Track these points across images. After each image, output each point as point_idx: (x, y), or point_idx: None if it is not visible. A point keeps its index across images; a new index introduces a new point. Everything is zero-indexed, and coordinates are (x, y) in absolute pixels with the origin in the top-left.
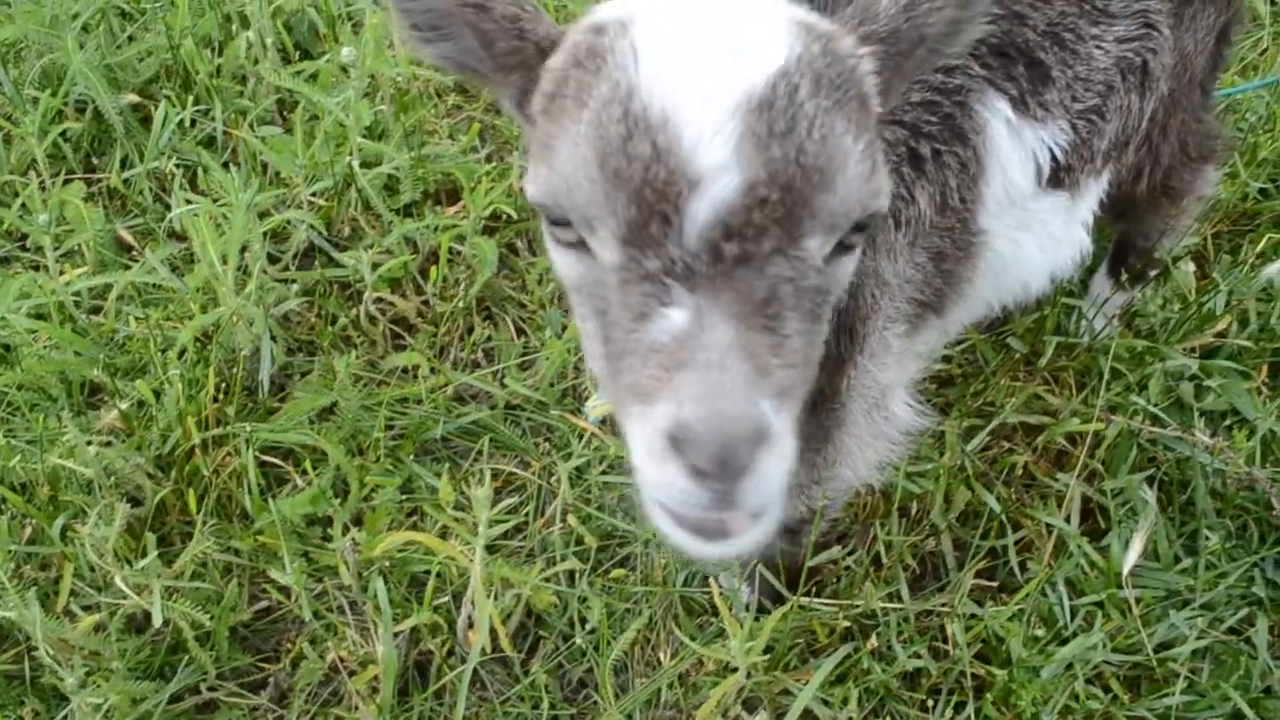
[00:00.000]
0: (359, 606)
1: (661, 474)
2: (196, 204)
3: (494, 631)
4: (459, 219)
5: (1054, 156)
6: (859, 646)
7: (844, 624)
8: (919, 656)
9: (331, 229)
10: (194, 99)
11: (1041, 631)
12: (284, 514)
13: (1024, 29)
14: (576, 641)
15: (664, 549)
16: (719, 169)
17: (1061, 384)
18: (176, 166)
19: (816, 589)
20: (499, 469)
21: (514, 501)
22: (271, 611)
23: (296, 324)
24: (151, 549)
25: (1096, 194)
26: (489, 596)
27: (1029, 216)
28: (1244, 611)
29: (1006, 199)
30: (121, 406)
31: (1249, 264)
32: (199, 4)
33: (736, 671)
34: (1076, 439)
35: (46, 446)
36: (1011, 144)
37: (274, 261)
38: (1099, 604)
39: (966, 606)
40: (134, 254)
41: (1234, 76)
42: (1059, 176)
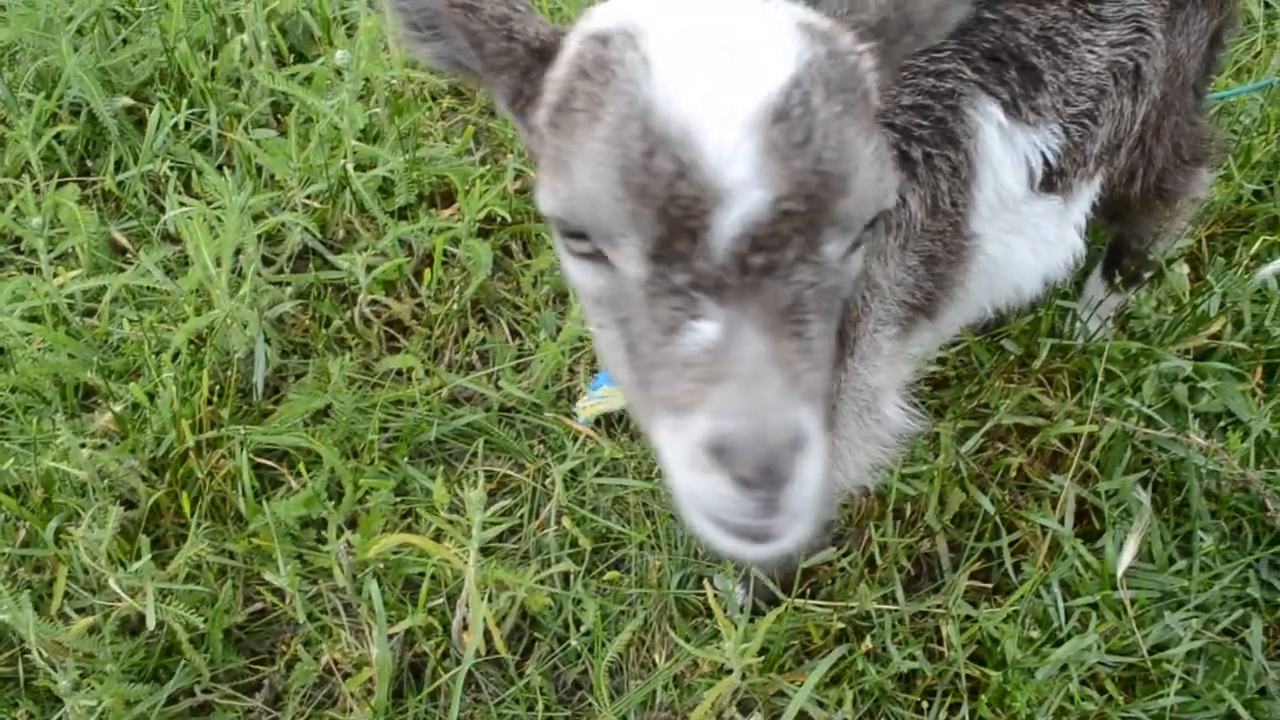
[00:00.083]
0: (353, 609)
1: (706, 485)
2: (190, 207)
3: (489, 633)
4: (454, 222)
5: (1046, 160)
6: (854, 648)
7: (839, 625)
8: (914, 658)
9: (326, 232)
10: (189, 102)
11: (1036, 633)
12: (278, 516)
13: (1016, 33)
14: (571, 643)
15: (659, 551)
16: (745, 185)
17: (1056, 386)
18: (171, 169)
19: (811, 590)
20: (493, 471)
21: (509, 504)
22: (266, 614)
23: (291, 326)
24: (145, 551)
25: (1089, 197)
26: (484, 598)
27: (1021, 220)
28: (1238, 613)
29: (998, 203)
30: (115, 409)
31: (1243, 266)
32: (194, 7)
33: (731, 673)
34: (1071, 440)
35: (40, 449)
36: (1003, 148)
37: (268, 264)
38: (1094, 605)
39: (961, 608)
40: (128, 256)
41: (1228, 79)
42: (1051, 180)
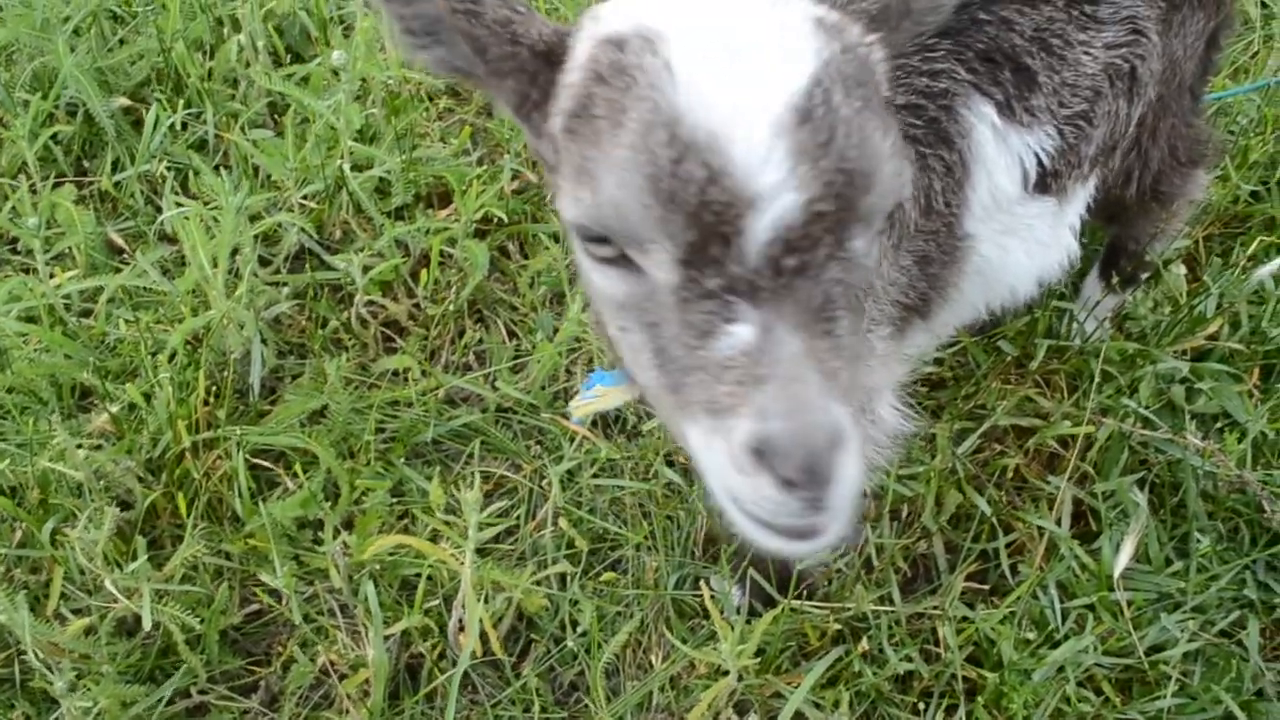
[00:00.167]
0: (350, 610)
1: (750, 487)
2: (187, 207)
3: (485, 634)
4: (450, 222)
5: (1040, 161)
6: (850, 649)
7: (835, 627)
8: (910, 659)
9: (323, 232)
10: (185, 102)
11: (1033, 634)
12: (274, 517)
13: (1011, 34)
14: (568, 644)
15: (656, 552)
16: (776, 188)
17: (1053, 387)
18: (168, 169)
19: (808, 592)
20: (490, 472)
21: (505, 504)
22: (262, 615)
23: (287, 327)
24: (142, 552)
25: (1084, 199)
26: (480, 600)
27: (1015, 221)
28: (1235, 614)
29: (992, 203)
30: (112, 410)
31: (1240, 267)
32: (190, 7)
33: (728, 674)
34: (1068, 441)
35: (36, 450)
36: (997, 148)
37: (265, 264)
38: (1090, 607)
39: (958, 609)
40: (125, 257)
41: (1225, 80)
42: (1046, 181)
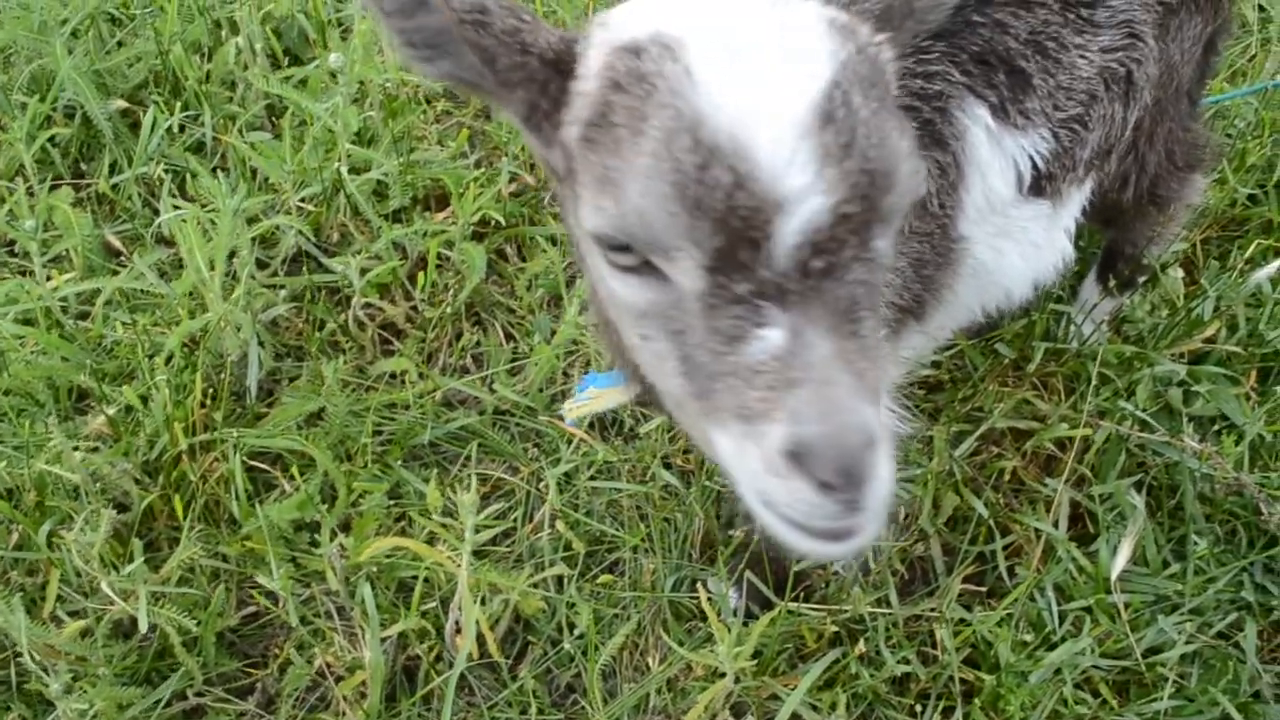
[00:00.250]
0: (346, 612)
1: (787, 491)
2: (185, 210)
3: (482, 637)
4: (448, 225)
5: (1035, 164)
6: (847, 651)
7: (832, 629)
8: (907, 661)
9: (320, 235)
10: (183, 105)
11: (1030, 636)
12: (271, 519)
13: (1005, 36)
14: (565, 647)
15: (653, 554)
16: (804, 192)
17: (1050, 389)
18: (165, 172)
19: (805, 594)
20: (487, 474)
21: (502, 506)
22: (259, 617)
23: (285, 329)
24: (138, 554)
25: (1079, 202)
26: (477, 602)
27: (1010, 224)
28: (1232, 616)
29: (987, 206)
30: (109, 412)
31: (1237, 270)
32: (188, 10)
33: (725, 677)
34: (1065, 444)
35: (33, 452)
36: (991, 151)
37: (262, 267)
38: (1087, 609)
39: (955, 611)
40: (122, 259)
41: (1222, 83)
42: (1040, 184)
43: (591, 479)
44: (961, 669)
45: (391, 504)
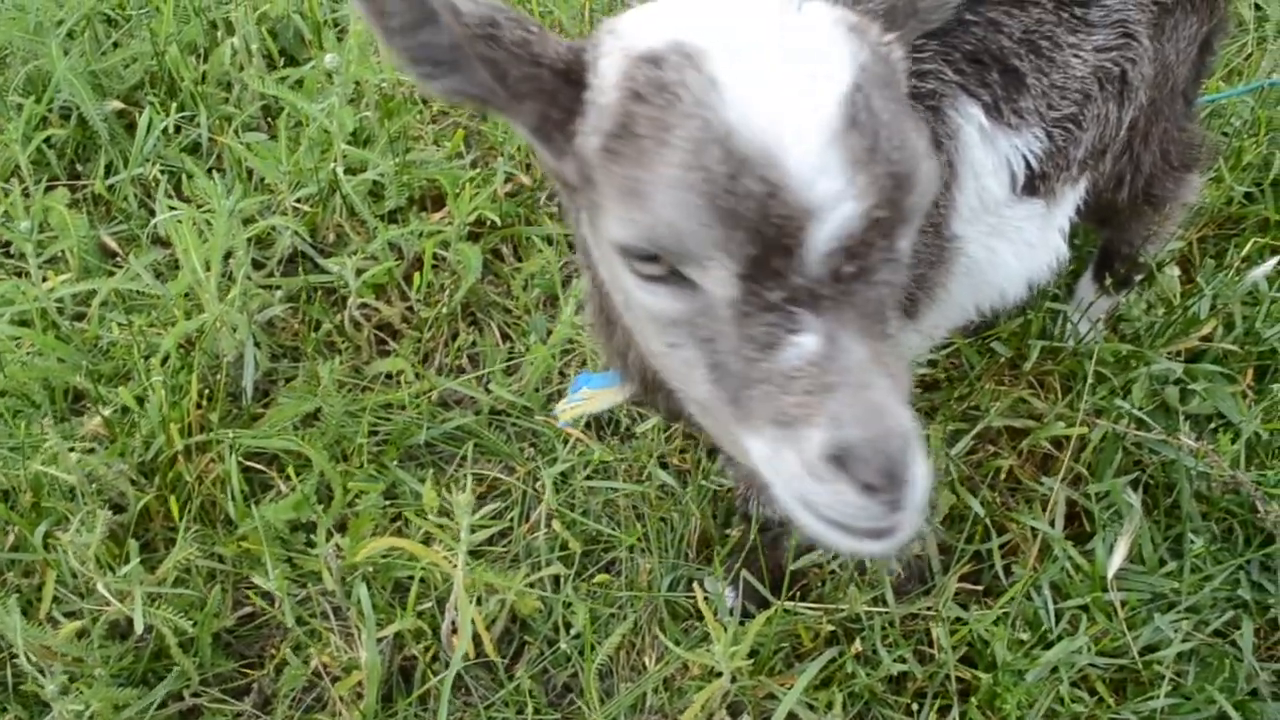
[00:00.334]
0: (343, 612)
1: (830, 494)
2: (180, 211)
3: (478, 637)
4: (443, 225)
5: (1028, 163)
6: (844, 650)
7: (829, 628)
8: (904, 660)
9: (316, 235)
10: (179, 105)
11: (1026, 635)
12: (267, 520)
13: (999, 36)
14: (561, 646)
15: (649, 554)
16: (836, 198)
17: (1046, 388)
18: (161, 173)
19: (801, 593)
20: (483, 474)
21: (498, 506)
22: (255, 618)
23: (281, 330)
24: (134, 555)
25: (1074, 201)
26: (474, 602)
27: (1004, 223)
28: (1229, 614)
29: (980, 205)
30: (104, 413)
31: (1234, 268)
32: (184, 10)
33: (721, 676)
34: (1061, 443)
35: (29, 453)
36: (984, 150)
37: (259, 268)
38: (1084, 607)
39: (951, 610)
40: (118, 260)
41: (1219, 81)
42: (1034, 184)
43: (588, 479)
44: (958, 668)
45: (387, 504)
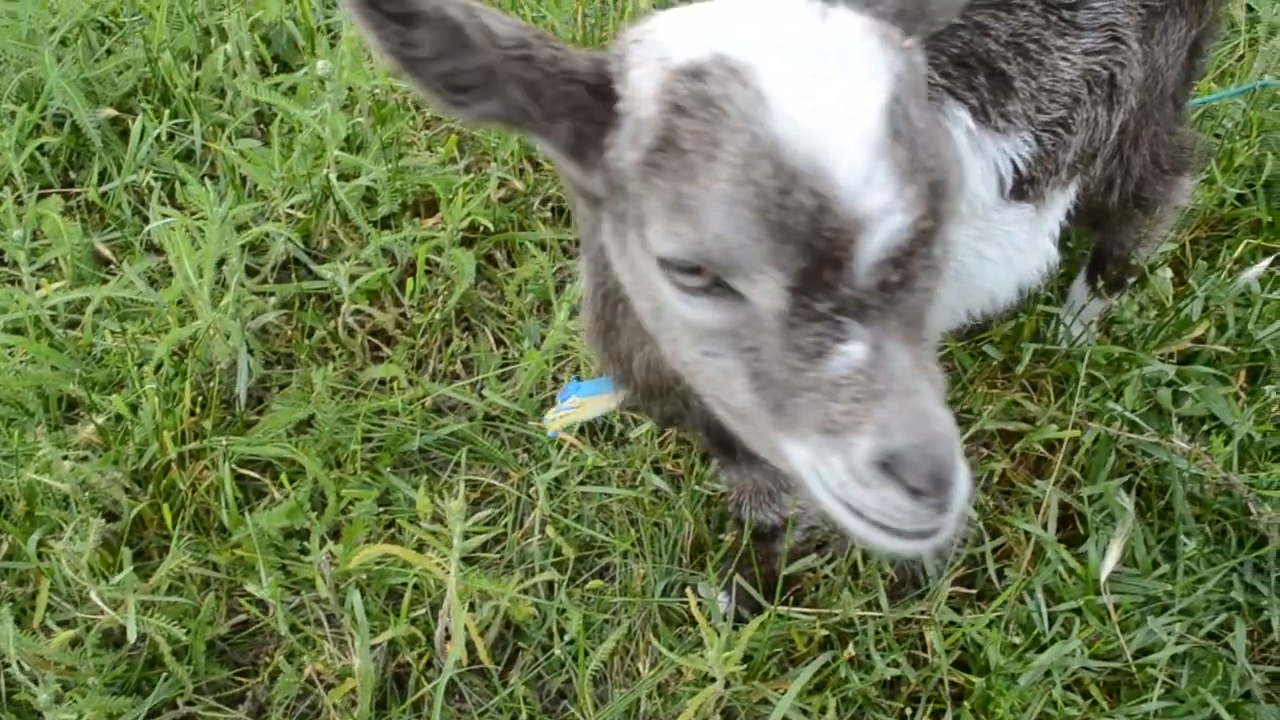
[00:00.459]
0: (336, 619)
1: (878, 499)
2: (173, 218)
3: (472, 643)
4: (437, 231)
5: (1017, 168)
6: (837, 655)
7: (822, 633)
8: (897, 665)
9: (309, 241)
10: (172, 112)
11: (1020, 638)
12: (261, 527)
13: (985, 39)
14: (555, 652)
15: (643, 559)
16: (885, 210)
17: (1039, 391)
18: (154, 180)
19: (794, 598)
20: (477, 480)
21: (492, 513)
22: (249, 625)
23: (274, 337)
24: (128, 564)
25: (1063, 205)
26: (467, 608)
27: (992, 228)
28: (1222, 617)
29: (968, 210)
30: (98, 421)
31: (1226, 270)
32: (177, 17)
33: (715, 681)
34: (1054, 445)
35: (22, 461)
36: (972, 154)
37: (252, 274)
38: (1077, 610)
39: (945, 614)
40: (112, 268)
41: (1210, 83)
42: (1023, 188)
43: (581, 484)
44: (951, 671)
45: (381, 511)
